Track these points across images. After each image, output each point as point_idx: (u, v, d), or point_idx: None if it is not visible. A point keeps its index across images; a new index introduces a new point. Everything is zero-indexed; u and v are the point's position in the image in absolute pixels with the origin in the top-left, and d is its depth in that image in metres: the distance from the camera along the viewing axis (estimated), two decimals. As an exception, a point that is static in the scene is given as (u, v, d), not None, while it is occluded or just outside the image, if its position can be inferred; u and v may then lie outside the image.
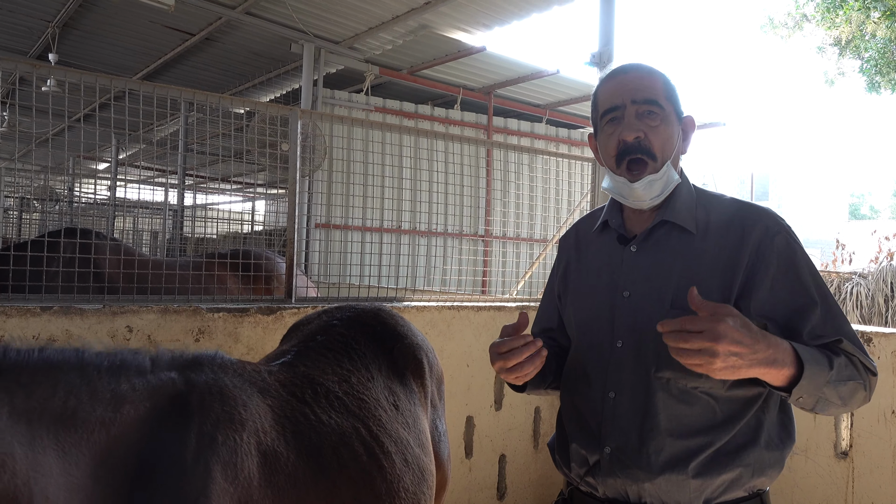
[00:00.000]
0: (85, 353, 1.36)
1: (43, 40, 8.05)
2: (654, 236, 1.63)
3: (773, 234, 1.52)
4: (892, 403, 2.96)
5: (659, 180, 1.58)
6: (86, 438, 1.24)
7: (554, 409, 4.14)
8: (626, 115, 1.59)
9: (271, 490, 1.49)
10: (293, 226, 3.44)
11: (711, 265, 1.54)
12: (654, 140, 1.58)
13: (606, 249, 1.71)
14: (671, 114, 1.61)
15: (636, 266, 1.62)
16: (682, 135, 1.65)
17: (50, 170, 7.74)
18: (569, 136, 10.62)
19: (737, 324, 1.28)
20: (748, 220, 1.55)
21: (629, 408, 1.55)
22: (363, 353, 2.07)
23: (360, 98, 8.70)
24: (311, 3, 6.92)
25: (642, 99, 1.58)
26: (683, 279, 1.54)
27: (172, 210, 9.24)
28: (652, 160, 1.58)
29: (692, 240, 1.58)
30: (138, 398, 1.35)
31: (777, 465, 1.53)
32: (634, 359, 1.56)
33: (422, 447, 1.99)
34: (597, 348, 1.64)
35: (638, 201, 1.61)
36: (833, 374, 1.39)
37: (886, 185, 48.27)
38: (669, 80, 1.65)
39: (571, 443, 1.66)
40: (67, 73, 2.95)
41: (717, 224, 1.58)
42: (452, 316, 3.71)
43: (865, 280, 8.13)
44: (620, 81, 1.62)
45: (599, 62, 4.75)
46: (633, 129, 1.57)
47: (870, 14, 12.76)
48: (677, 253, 1.58)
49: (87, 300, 2.84)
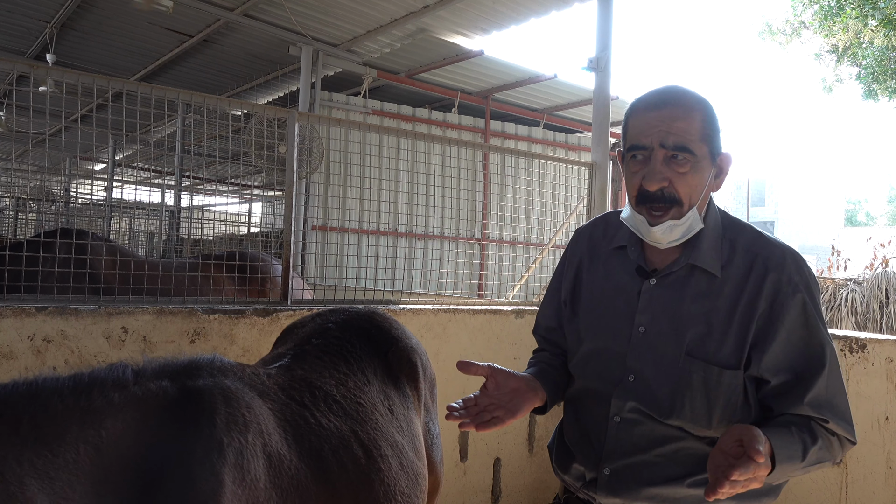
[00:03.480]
0: (43, 379, 1.30)
1: (40, 41, 8.04)
2: (676, 274, 1.57)
3: (794, 290, 1.48)
4: (885, 410, 2.97)
5: (680, 226, 1.51)
6: (72, 460, 1.21)
7: (549, 413, 4.14)
8: (653, 158, 1.48)
9: (276, 492, 1.49)
10: (290, 228, 3.44)
11: (729, 311, 1.50)
12: (679, 188, 1.48)
13: (623, 275, 1.64)
14: (704, 157, 1.49)
15: (654, 301, 1.57)
16: (717, 171, 1.54)
17: (47, 170, 7.73)
18: (566, 140, 10.63)
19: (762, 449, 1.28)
20: (771, 263, 1.50)
21: (633, 434, 1.56)
22: (359, 357, 2.07)
23: (358, 101, 8.70)
24: (310, 5, 6.93)
25: (672, 144, 1.46)
26: (701, 325, 1.51)
27: (169, 211, 9.24)
28: (677, 206, 1.50)
29: (714, 283, 1.53)
30: (118, 411, 1.31)
31: (771, 494, 1.54)
32: (644, 397, 1.55)
33: (415, 451, 1.99)
34: (607, 376, 1.60)
35: (656, 243, 1.55)
36: (803, 464, 1.42)
37: (882, 192, 48.46)
38: (711, 112, 1.51)
39: (573, 455, 1.67)
40: (65, 74, 2.94)
41: (739, 265, 1.53)
42: (448, 319, 3.71)
43: (861, 286, 8.14)
44: (654, 118, 1.48)
45: (597, 67, 4.76)
46: (658, 178, 1.47)
47: (867, 22, 12.81)
48: (697, 296, 1.53)
49: (82, 301, 2.84)
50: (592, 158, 4.74)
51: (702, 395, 1.49)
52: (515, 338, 3.97)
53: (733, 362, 1.48)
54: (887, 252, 8.76)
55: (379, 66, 8.61)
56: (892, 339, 3.04)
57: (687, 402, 1.50)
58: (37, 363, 2.57)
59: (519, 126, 10.26)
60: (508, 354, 3.93)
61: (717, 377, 1.48)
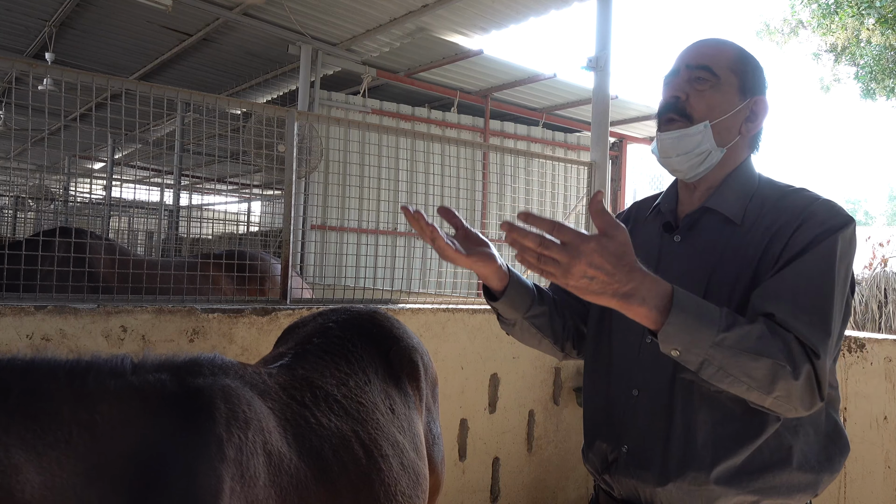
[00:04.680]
0: (41, 359, 1.30)
1: (39, 39, 8.04)
2: (698, 226, 1.49)
3: (823, 235, 1.30)
4: (884, 409, 2.97)
5: (690, 137, 1.45)
6: (64, 440, 1.21)
7: (548, 412, 4.14)
8: (678, 77, 1.50)
9: (275, 490, 1.49)
10: (289, 227, 3.44)
11: (751, 260, 1.38)
12: (695, 103, 1.46)
13: (652, 237, 1.58)
14: (729, 84, 1.46)
15: (675, 258, 1.49)
16: (750, 115, 1.48)
17: (45, 169, 7.72)
18: (565, 139, 10.63)
19: (605, 247, 1.14)
20: (799, 208, 1.37)
21: (650, 408, 1.46)
22: (360, 356, 2.07)
23: (357, 100, 8.70)
24: (309, 4, 6.92)
25: (695, 64, 1.47)
26: (716, 275, 1.40)
27: (168, 210, 9.23)
28: (685, 120, 1.46)
29: (735, 231, 1.42)
30: (114, 398, 1.31)
31: (809, 489, 1.39)
32: (659, 358, 1.41)
33: (416, 451, 1.99)
34: (626, 343, 1.53)
35: (666, 158, 1.50)
36: (726, 337, 1.19)
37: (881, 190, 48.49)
38: (748, 56, 1.50)
39: (595, 438, 1.59)
40: (64, 73, 2.94)
41: (769, 216, 1.40)
42: (447, 318, 3.71)
43: (859, 286, 8.15)
44: (688, 49, 1.52)
45: (596, 66, 4.76)
46: (675, 89, 1.48)
47: (864, 21, 12.82)
48: (716, 245, 1.43)
49: (81, 300, 2.84)
50: (592, 158, 4.74)
51: None
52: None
53: None
54: (886, 251, 8.76)
55: (378, 66, 8.60)
56: (891, 339, 3.04)
57: None
58: (36, 362, 2.57)
59: (518, 125, 10.26)
60: (507, 354, 3.94)
61: None
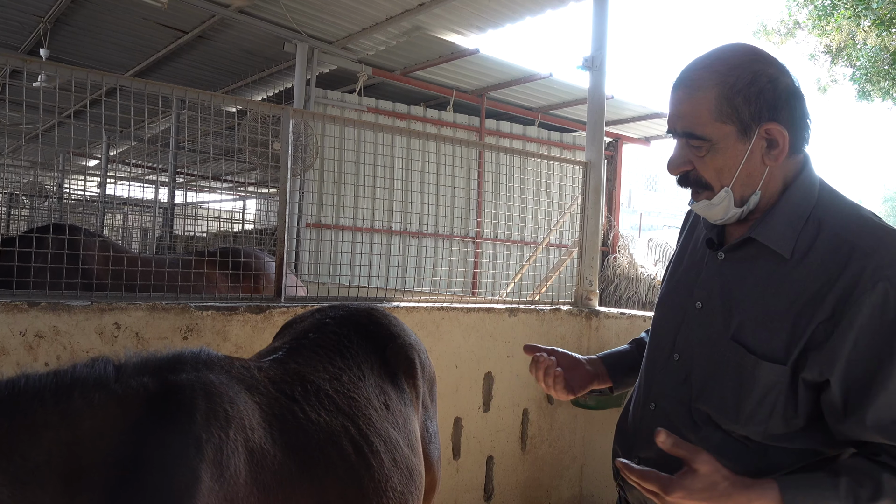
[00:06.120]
0: (26, 379, 1.31)
1: (34, 36, 8.00)
2: (744, 250, 1.42)
3: (876, 279, 1.23)
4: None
5: (717, 206, 1.40)
6: (43, 462, 1.21)
7: (542, 411, 4.14)
8: (677, 141, 1.43)
9: (257, 488, 1.48)
10: (284, 225, 3.43)
11: (792, 298, 1.31)
12: (703, 171, 1.40)
13: (701, 247, 1.54)
14: (725, 137, 1.35)
15: (716, 277, 1.45)
16: (768, 144, 1.36)
17: (40, 166, 7.70)
18: (561, 139, 10.65)
19: (692, 487, 1.23)
20: (859, 251, 1.26)
21: (665, 424, 1.42)
22: (355, 352, 2.07)
23: (353, 98, 8.70)
24: (305, 2, 6.91)
25: (681, 131, 1.39)
26: (754, 312, 1.35)
27: (163, 208, 9.21)
28: (707, 190, 1.41)
29: (783, 266, 1.35)
30: (98, 411, 1.32)
31: None
32: (683, 379, 1.44)
33: (411, 448, 1.99)
34: (657, 355, 1.53)
35: (708, 218, 1.47)
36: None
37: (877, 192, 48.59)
38: (734, 82, 1.34)
39: (615, 442, 1.62)
40: (59, 69, 2.93)
41: (819, 250, 1.31)
42: (442, 317, 3.71)
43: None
44: (671, 101, 1.42)
45: (592, 66, 4.76)
46: (675, 164, 1.42)
47: (860, 22, 12.85)
48: (760, 279, 1.37)
49: (74, 297, 2.83)
50: (587, 157, 4.74)
51: (734, 383, 1.35)
52: (509, 336, 3.97)
53: (779, 356, 1.30)
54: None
55: (374, 64, 8.60)
56: None
57: (717, 386, 1.38)
58: (28, 359, 2.57)
59: (514, 124, 10.27)
60: (501, 353, 3.94)
61: (751, 367, 1.33)
